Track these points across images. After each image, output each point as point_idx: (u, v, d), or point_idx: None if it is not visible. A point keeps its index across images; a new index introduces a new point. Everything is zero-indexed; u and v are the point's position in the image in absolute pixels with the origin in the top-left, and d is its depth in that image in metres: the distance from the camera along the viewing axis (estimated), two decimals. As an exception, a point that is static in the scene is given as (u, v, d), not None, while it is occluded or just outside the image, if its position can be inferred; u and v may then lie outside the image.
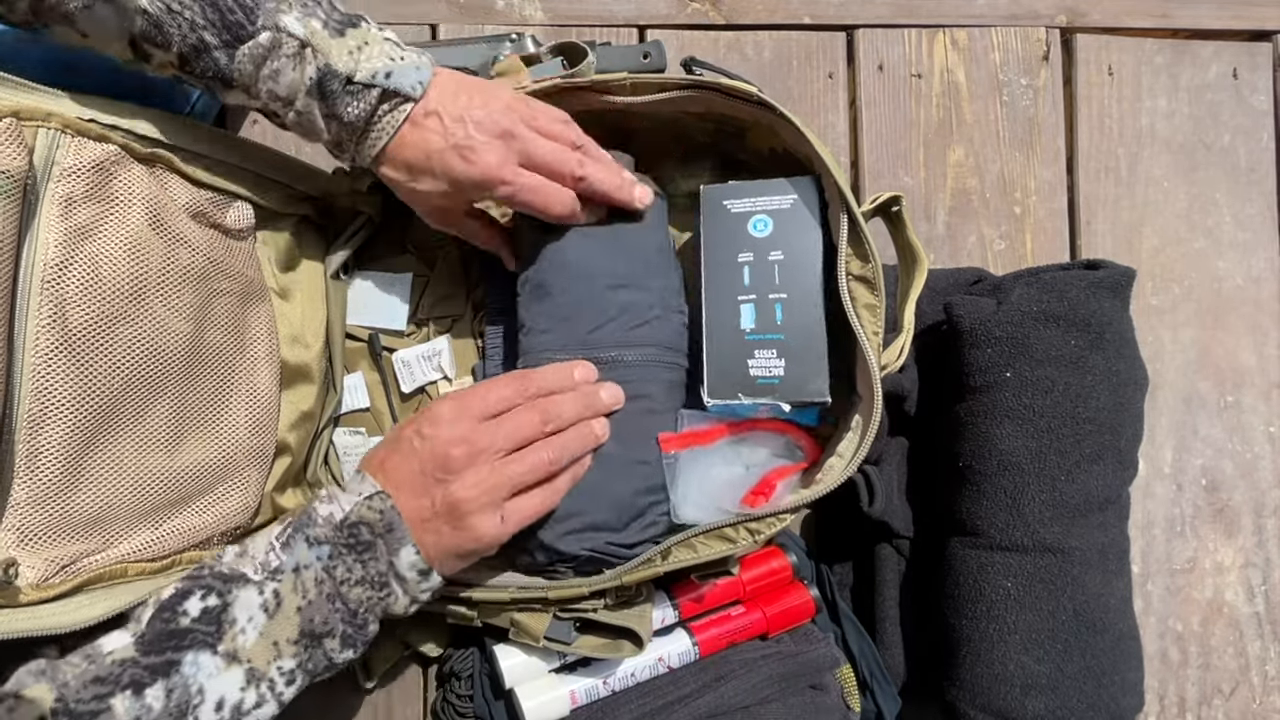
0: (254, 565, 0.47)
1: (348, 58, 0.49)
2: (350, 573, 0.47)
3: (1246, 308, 0.75)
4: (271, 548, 0.47)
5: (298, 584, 0.46)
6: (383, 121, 0.50)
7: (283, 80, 0.48)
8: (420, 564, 0.48)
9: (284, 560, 0.47)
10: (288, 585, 0.46)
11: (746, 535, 0.55)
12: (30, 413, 0.42)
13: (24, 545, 0.42)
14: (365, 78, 0.49)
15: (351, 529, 0.47)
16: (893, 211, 0.57)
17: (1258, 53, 0.78)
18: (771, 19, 0.75)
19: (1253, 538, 0.73)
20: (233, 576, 0.46)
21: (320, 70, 0.48)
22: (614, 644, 0.57)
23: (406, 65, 0.50)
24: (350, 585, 0.47)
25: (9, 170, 0.40)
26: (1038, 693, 0.56)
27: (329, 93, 0.48)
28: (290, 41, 0.47)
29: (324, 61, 0.48)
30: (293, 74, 0.48)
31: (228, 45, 0.46)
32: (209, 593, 0.45)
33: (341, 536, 0.47)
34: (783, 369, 0.55)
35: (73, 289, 0.43)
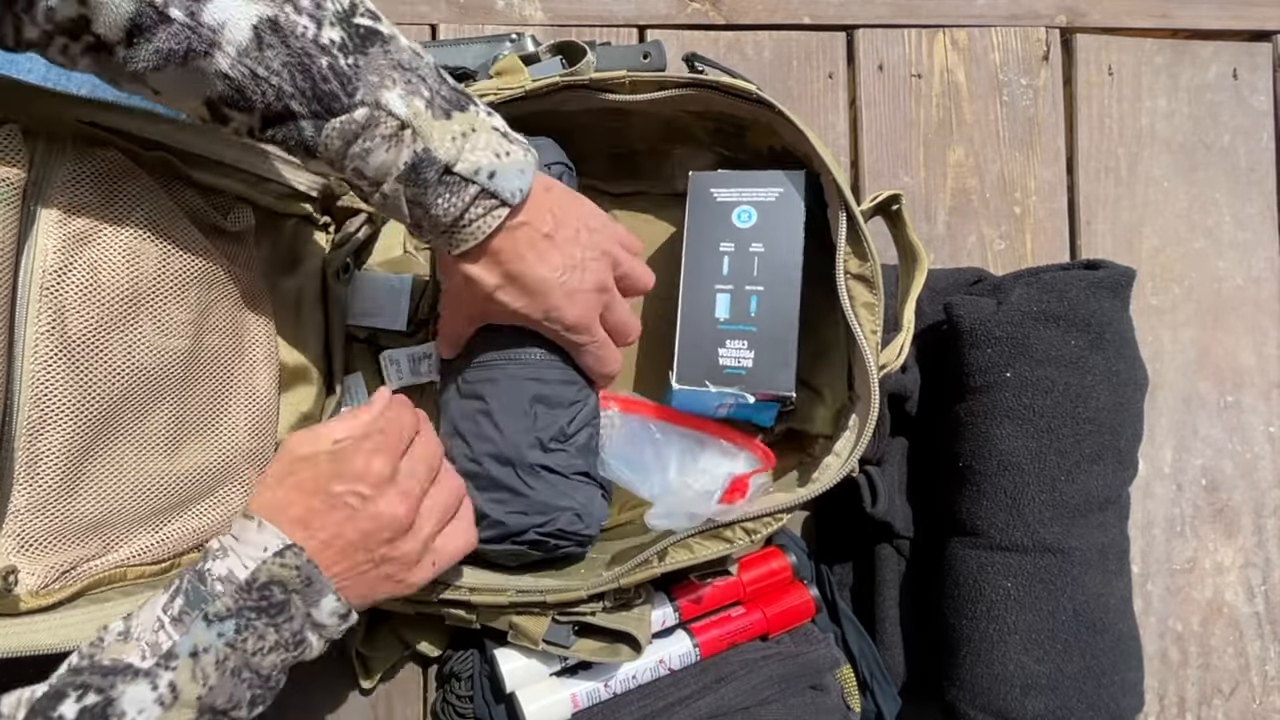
0: (140, 650, 0.40)
1: (450, 145, 0.44)
2: (263, 640, 0.42)
3: (1246, 308, 0.75)
4: (160, 624, 0.41)
5: (196, 671, 0.40)
6: (475, 224, 0.46)
7: (373, 160, 0.43)
8: (342, 609, 0.44)
9: (178, 642, 0.40)
10: (184, 674, 0.40)
11: (743, 535, 0.55)
12: (30, 419, 0.42)
13: (24, 552, 0.42)
14: (467, 171, 0.44)
15: (262, 590, 0.42)
16: (893, 210, 0.57)
17: (1258, 53, 0.78)
18: (771, 19, 0.75)
19: (1253, 538, 0.73)
20: (116, 669, 0.40)
21: (418, 155, 0.43)
22: (612, 648, 0.57)
23: (511, 166, 0.45)
24: (263, 655, 0.42)
25: (9, 177, 0.40)
26: (1038, 693, 0.56)
27: (423, 180, 0.44)
28: (389, 121, 0.42)
29: (423, 146, 0.43)
30: (385, 155, 0.43)
31: (317, 116, 0.41)
32: (86, 691, 0.39)
33: (249, 600, 0.42)
34: (751, 360, 0.56)
35: (72, 295, 0.43)
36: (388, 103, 0.42)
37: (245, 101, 0.41)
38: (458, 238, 0.46)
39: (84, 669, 0.40)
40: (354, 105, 0.41)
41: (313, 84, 0.41)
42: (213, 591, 0.42)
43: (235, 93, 0.40)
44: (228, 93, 0.40)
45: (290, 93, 0.40)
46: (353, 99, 0.41)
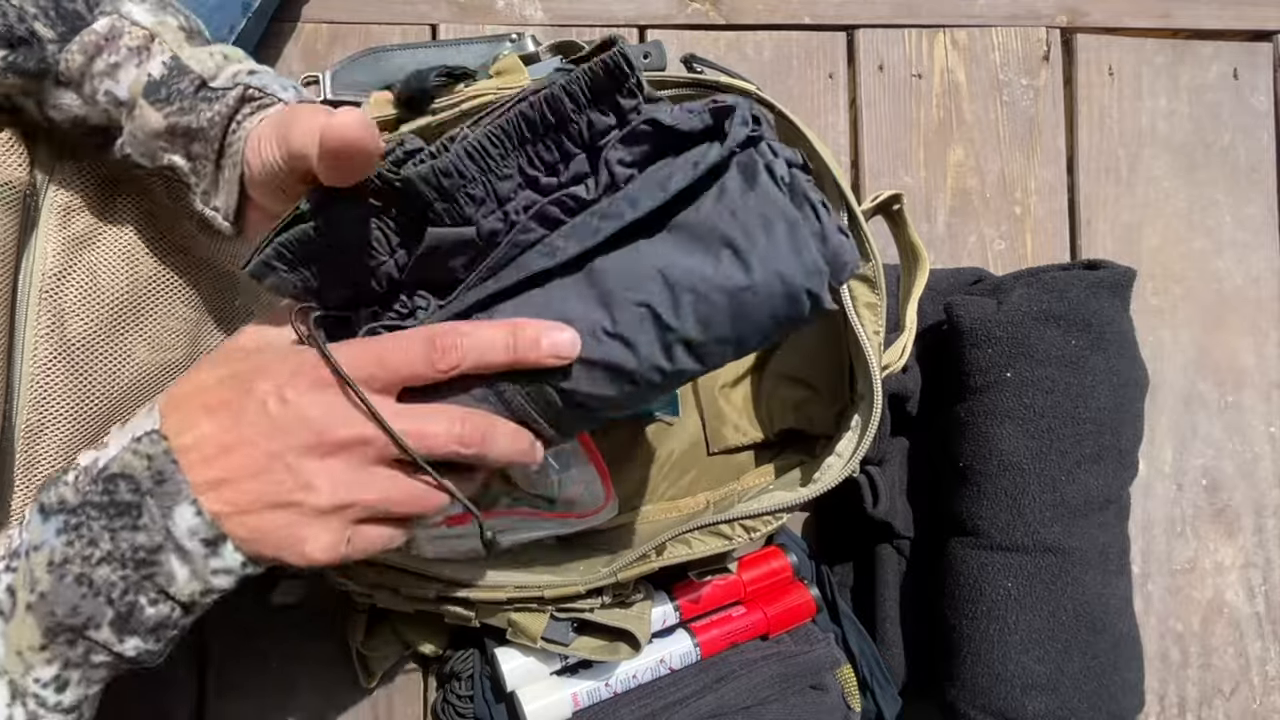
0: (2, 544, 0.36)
1: (207, 60, 0.40)
2: (94, 546, 0.34)
3: (1247, 308, 0.75)
4: (23, 516, 0.36)
5: (27, 572, 0.35)
6: (242, 129, 0.40)
7: (123, 78, 0.39)
8: (204, 530, 0.34)
9: (23, 540, 0.35)
10: (21, 577, 0.35)
11: (743, 533, 0.55)
12: (29, 422, 0.41)
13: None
14: (225, 82, 0.40)
15: (109, 483, 0.34)
16: (893, 210, 0.57)
17: (1258, 53, 0.78)
18: (771, 19, 0.75)
19: (1253, 538, 0.73)
20: None
21: (166, 65, 0.39)
22: (611, 645, 0.57)
23: (275, 74, 0.42)
24: (93, 564, 0.34)
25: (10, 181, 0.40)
26: (1038, 693, 0.56)
27: (175, 93, 0.39)
28: (135, 30, 0.39)
29: (171, 55, 0.39)
30: (135, 70, 0.39)
31: (63, 39, 0.39)
32: None
33: (95, 493, 0.34)
34: None
35: (71, 298, 0.43)
36: (129, 12, 0.40)
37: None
38: (231, 154, 0.40)
39: None
40: (96, 17, 0.39)
41: (56, 3, 0.39)
42: (63, 479, 0.35)
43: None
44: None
45: (33, 13, 0.38)
46: (93, 12, 0.39)
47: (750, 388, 0.66)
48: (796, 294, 0.37)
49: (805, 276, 0.36)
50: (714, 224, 0.36)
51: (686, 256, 0.36)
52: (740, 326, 0.37)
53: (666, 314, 0.36)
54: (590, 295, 0.37)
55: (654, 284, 0.36)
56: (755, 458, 0.67)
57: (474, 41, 0.68)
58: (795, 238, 0.36)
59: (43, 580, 0.35)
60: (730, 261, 0.36)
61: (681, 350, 0.37)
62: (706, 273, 0.36)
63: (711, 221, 0.36)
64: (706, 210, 0.37)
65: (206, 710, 0.62)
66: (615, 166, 0.38)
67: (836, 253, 0.37)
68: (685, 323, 0.36)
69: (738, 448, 0.66)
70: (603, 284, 0.37)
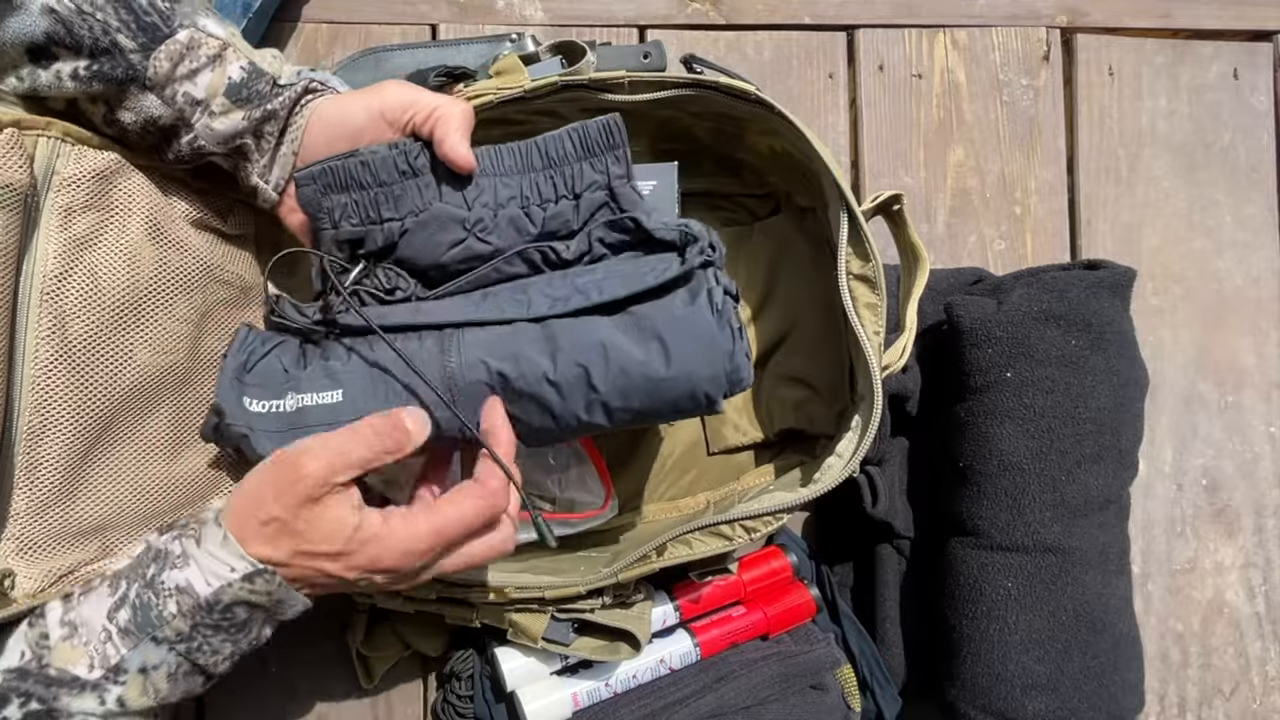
0: (88, 658, 0.40)
1: (272, 61, 0.48)
2: (218, 654, 0.42)
3: (1247, 308, 0.75)
4: (108, 635, 0.40)
5: (146, 686, 0.40)
6: (304, 110, 0.48)
7: (201, 80, 0.45)
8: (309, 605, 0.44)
9: (125, 657, 0.40)
10: (134, 689, 0.40)
11: (743, 533, 0.55)
12: (30, 424, 0.41)
13: (22, 555, 0.42)
14: (291, 78, 0.48)
15: (225, 612, 0.41)
16: (893, 211, 0.57)
17: (1258, 53, 0.78)
18: (772, 19, 0.75)
19: (1253, 538, 0.73)
20: (62, 680, 0.39)
21: (245, 69, 0.46)
22: (612, 646, 0.57)
23: (329, 75, 0.49)
24: (219, 663, 0.42)
25: (10, 183, 0.40)
26: (1038, 693, 0.56)
27: (257, 93, 0.47)
28: (211, 41, 0.45)
29: (248, 60, 0.46)
30: (212, 74, 0.45)
31: (144, 48, 0.44)
32: (29, 700, 0.39)
33: (209, 619, 0.41)
34: None
35: (72, 300, 0.43)
36: (205, 25, 0.45)
37: (73, 39, 0.42)
38: (293, 130, 0.48)
39: (30, 673, 0.39)
40: (176, 29, 0.44)
41: (135, 16, 0.43)
42: (164, 613, 0.40)
43: (63, 28, 0.42)
44: (55, 29, 0.42)
45: (116, 26, 0.43)
46: (172, 26, 0.44)
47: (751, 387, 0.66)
48: (698, 394, 0.47)
49: (708, 383, 0.46)
50: (654, 322, 0.46)
51: (625, 339, 0.46)
52: (648, 404, 0.47)
53: (597, 379, 0.46)
54: (544, 346, 0.46)
55: (595, 353, 0.46)
56: (755, 458, 0.67)
57: (474, 41, 0.68)
58: (710, 352, 0.46)
59: (164, 687, 0.41)
60: (657, 354, 0.46)
61: (600, 409, 0.46)
62: (637, 356, 0.46)
63: (653, 319, 0.46)
64: (652, 309, 0.46)
65: (207, 711, 0.62)
66: (595, 241, 0.49)
67: (737, 369, 0.47)
68: (609, 391, 0.46)
69: (738, 448, 0.66)
70: (555, 340, 0.46)
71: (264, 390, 0.47)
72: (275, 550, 0.41)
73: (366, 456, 0.42)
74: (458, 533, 0.43)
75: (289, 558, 0.41)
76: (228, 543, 0.41)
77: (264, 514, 0.41)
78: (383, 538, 0.42)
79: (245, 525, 0.41)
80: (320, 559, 0.42)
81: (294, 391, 0.46)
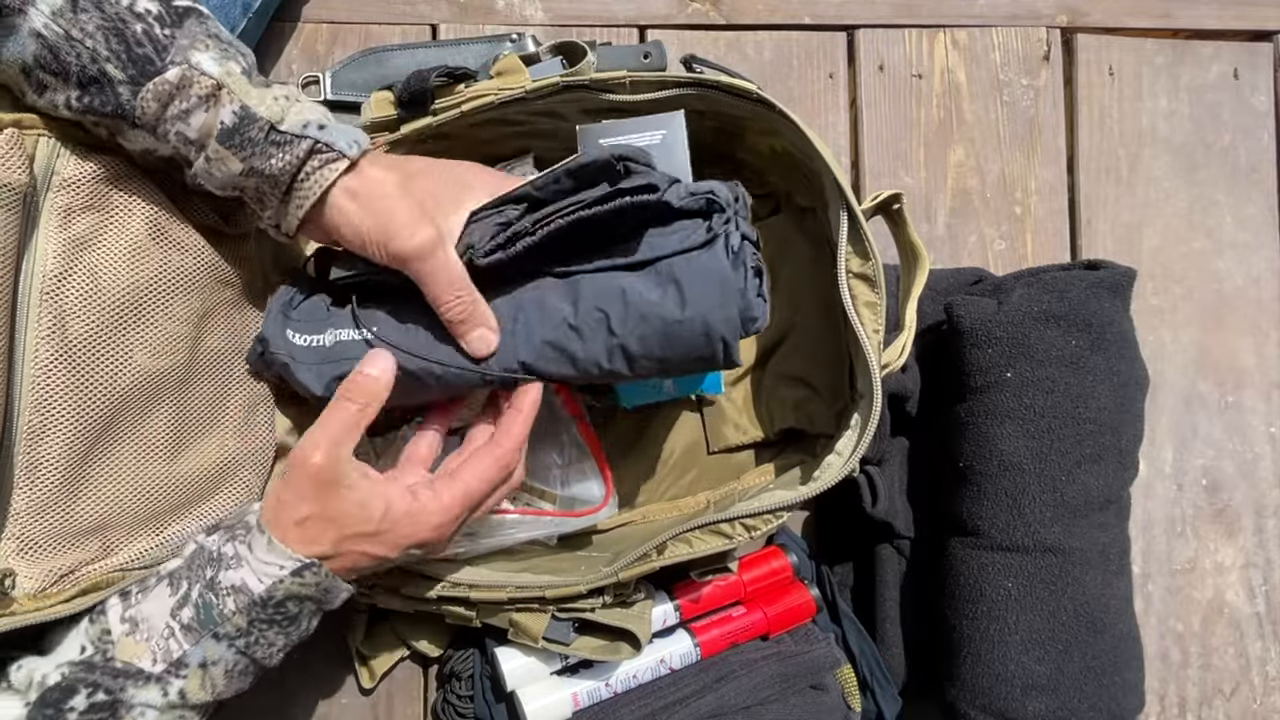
0: (151, 653, 0.42)
1: (273, 104, 0.44)
2: (272, 646, 0.44)
3: (1247, 308, 0.75)
4: (171, 631, 0.42)
5: (206, 680, 0.43)
6: (314, 177, 0.45)
7: (194, 122, 0.43)
8: (353, 589, 0.47)
9: (188, 652, 0.42)
10: (194, 682, 0.42)
11: (743, 531, 0.55)
12: (30, 424, 0.41)
13: (23, 555, 0.42)
14: (294, 127, 0.44)
15: (279, 607, 0.44)
16: (893, 210, 0.57)
17: (1258, 53, 0.78)
18: (772, 19, 0.75)
19: (1253, 538, 0.73)
20: (128, 672, 0.41)
21: (237, 115, 0.43)
22: (612, 645, 0.57)
23: (341, 127, 0.46)
24: (273, 656, 0.45)
25: (10, 183, 0.40)
26: (1038, 693, 0.56)
27: (249, 140, 0.43)
28: (204, 80, 0.42)
29: (241, 104, 0.43)
30: (205, 115, 0.43)
31: (133, 81, 0.41)
32: (96, 690, 0.41)
33: (264, 614, 0.43)
34: None
35: (72, 300, 0.43)
36: (199, 63, 0.42)
37: (60, 65, 0.41)
38: (298, 196, 0.45)
39: (97, 666, 0.42)
40: (166, 66, 0.42)
41: (127, 47, 0.41)
42: (224, 611, 0.43)
43: (49, 54, 0.40)
44: (42, 54, 0.40)
45: (105, 55, 0.41)
46: (164, 61, 0.42)
47: (750, 387, 0.66)
48: (713, 337, 0.47)
49: (723, 324, 0.47)
50: (671, 267, 0.47)
51: (644, 286, 0.47)
52: (667, 350, 0.48)
53: (616, 324, 0.47)
54: (566, 294, 0.48)
55: (615, 300, 0.47)
56: (755, 457, 0.67)
57: (474, 41, 0.68)
58: (724, 294, 0.47)
59: (220, 683, 0.43)
60: (673, 297, 0.47)
61: (620, 355, 0.48)
62: (653, 300, 0.47)
63: (670, 265, 0.47)
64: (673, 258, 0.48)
65: (207, 710, 0.62)
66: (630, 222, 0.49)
67: (749, 306, 0.47)
68: (628, 334, 0.47)
69: (738, 447, 0.66)
70: (577, 289, 0.48)
71: (306, 325, 0.51)
72: (319, 544, 0.44)
73: (352, 416, 0.45)
74: (481, 495, 0.47)
75: (334, 546, 0.44)
76: (273, 546, 0.44)
77: (296, 515, 0.44)
78: (415, 514, 0.46)
79: (285, 532, 0.44)
80: (362, 540, 0.45)
81: (333, 328, 0.50)
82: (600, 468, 0.61)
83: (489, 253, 0.47)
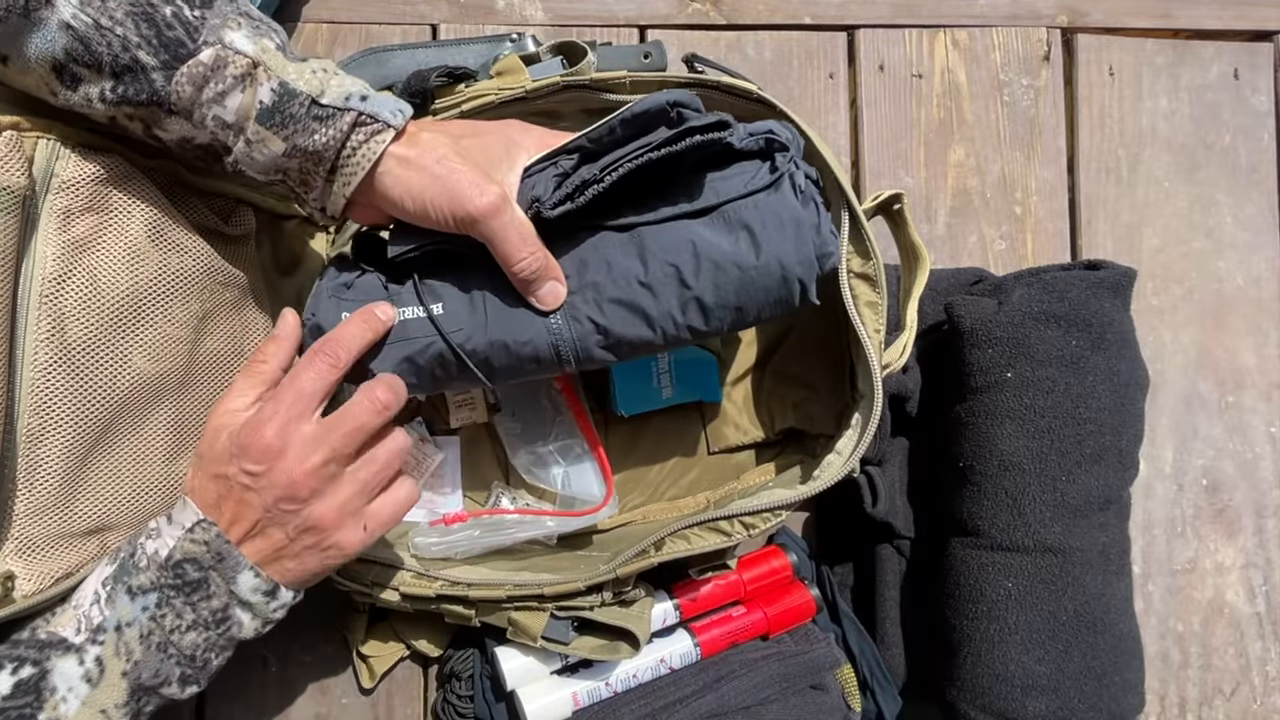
0: (76, 622, 0.42)
1: (311, 78, 0.43)
2: (180, 619, 0.43)
3: (1247, 308, 0.75)
4: (97, 597, 0.42)
5: (120, 646, 0.42)
6: (360, 151, 0.44)
7: (230, 104, 0.42)
8: (264, 585, 0.44)
9: (106, 616, 0.42)
10: (109, 648, 0.41)
11: (742, 529, 0.55)
12: (30, 427, 0.41)
13: (23, 556, 0.42)
14: (336, 99, 0.43)
15: (177, 568, 0.42)
16: (894, 210, 0.57)
17: (1258, 53, 0.78)
18: (772, 19, 0.75)
19: (1253, 538, 0.73)
20: (50, 642, 0.41)
21: (276, 92, 0.42)
22: (612, 645, 0.57)
23: (384, 96, 0.45)
24: (182, 632, 0.43)
25: (9, 186, 0.40)
26: (1038, 693, 0.56)
27: (291, 116, 0.43)
28: (238, 60, 0.41)
29: (279, 81, 0.42)
30: (242, 96, 0.42)
31: (166, 66, 0.41)
32: (21, 664, 0.40)
33: (168, 578, 0.42)
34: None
35: (71, 303, 0.43)
36: (232, 41, 0.41)
37: (92, 56, 0.40)
38: (344, 174, 0.45)
39: (23, 641, 0.41)
40: (199, 47, 0.41)
41: (157, 31, 0.40)
42: (138, 564, 0.43)
43: (81, 45, 0.39)
44: (73, 46, 0.39)
45: (136, 42, 0.40)
46: (196, 42, 0.41)
47: (751, 387, 0.66)
48: (790, 279, 0.47)
49: (799, 265, 0.46)
50: (740, 213, 0.46)
51: (713, 235, 0.46)
52: (743, 298, 0.47)
53: (689, 276, 0.46)
54: (632, 250, 0.47)
55: (685, 252, 0.46)
56: (756, 457, 0.67)
57: (474, 41, 0.68)
58: (799, 235, 0.46)
59: (136, 650, 0.42)
60: (746, 243, 0.46)
61: (695, 308, 0.47)
62: (725, 249, 0.46)
63: (738, 211, 0.46)
64: (737, 203, 0.47)
65: (206, 711, 0.62)
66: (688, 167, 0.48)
67: (824, 243, 0.47)
68: (703, 286, 0.46)
69: (738, 447, 0.66)
70: (643, 243, 0.46)
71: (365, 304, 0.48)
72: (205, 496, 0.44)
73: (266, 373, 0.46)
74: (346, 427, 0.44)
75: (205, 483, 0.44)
76: (185, 504, 0.44)
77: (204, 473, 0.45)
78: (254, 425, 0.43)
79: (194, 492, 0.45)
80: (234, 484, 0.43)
81: (395, 305, 0.48)
82: (601, 467, 0.61)
83: (557, 204, 0.45)
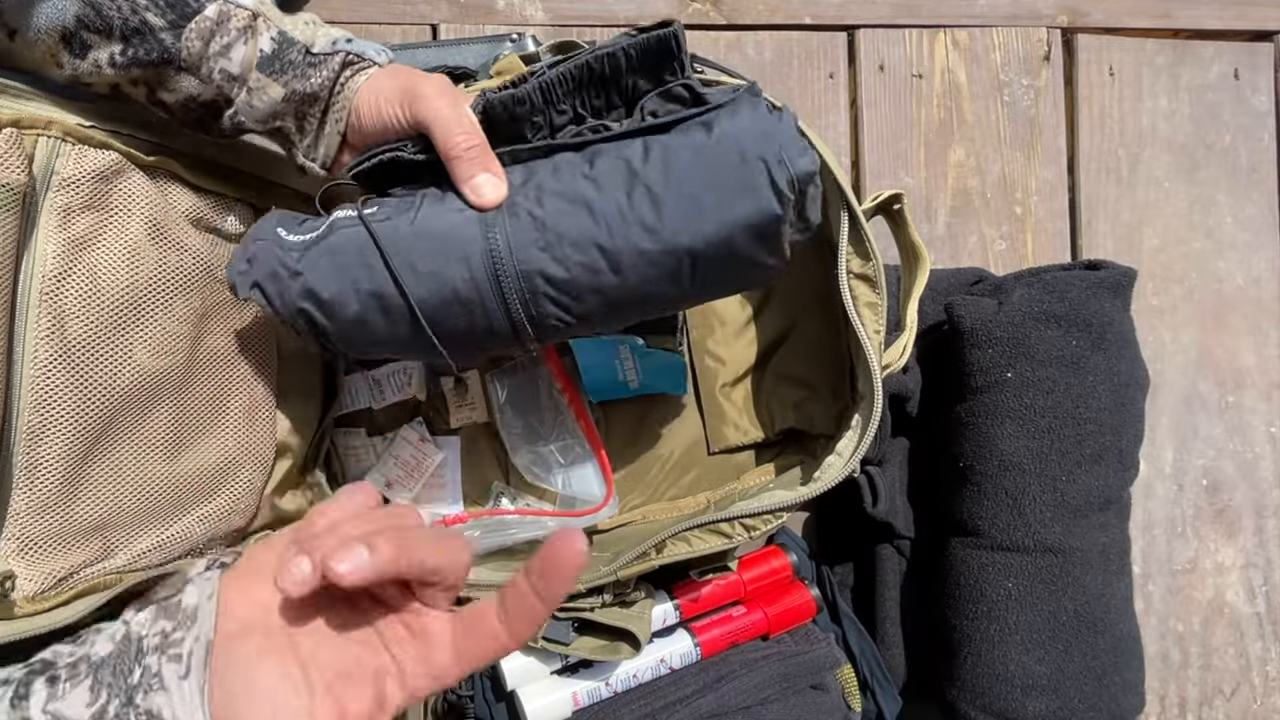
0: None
1: (304, 28, 0.48)
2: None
3: (1247, 308, 0.75)
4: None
5: None
6: (347, 88, 0.48)
7: (235, 55, 0.45)
8: None
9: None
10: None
11: (742, 531, 0.55)
12: (30, 425, 0.41)
13: (23, 556, 0.42)
14: (325, 46, 0.47)
15: None
16: (894, 210, 0.57)
17: (1258, 53, 0.78)
18: (772, 19, 0.75)
19: (1253, 538, 0.73)
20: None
21: (275, 40, 0.46)
22: (612, 645, 0.56)
23: (368, 41, 0.49)
24: None
25: (9, 183, 0.40)
26: (1038, 693, 0.56)
27: (289, 63, 0.47)
28: (240, 13, 0.45)
29: (278, 30, 0.46)
30: (245, 48, 0.46)
31: (174, 26, 0.44)
32: None
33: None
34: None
35: (71, 300, 0.43)
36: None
37: (103, 21, 0.42)
38: (336, 110, 0.48)
39: None
40: (204, 3, 0.44)
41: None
42: None
43: (92, 11, 0.42)
44: (85, 12, 0.42)
45: (144, 4, 0.43)
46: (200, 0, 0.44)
47: (751, 387, 0.66)
48: (751, 161, 0.42)
49: (759, 142, 0.42)
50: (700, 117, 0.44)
51: (668, 137, 0.44)
52: (698, 185, 0.43)
53: (637, 162, 0.44)
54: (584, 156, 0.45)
55: (635, 146, 0.44)
56: (756, 457, 0.67)
57: (474, 41, 0.68)
58: (755, 114, 0.43)
59: None
60: (698, 130, 0.44)
61: (643, 195, 0.43)
62: (679, 139, 0.44)
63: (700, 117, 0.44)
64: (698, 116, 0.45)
65: (207, 710, 0.62)
66: (647, 115, 0.47)
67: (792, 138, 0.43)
68: (651, 170, 0.43)
69: (738, 447, 0.66)
70: (595, 151, 0.45)
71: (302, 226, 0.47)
72: None
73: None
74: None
75: None
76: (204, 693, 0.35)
77: None
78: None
79: None
80: None
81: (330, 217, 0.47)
82: (601, 467, 0.61)
83: (502, 89, 0.46)
